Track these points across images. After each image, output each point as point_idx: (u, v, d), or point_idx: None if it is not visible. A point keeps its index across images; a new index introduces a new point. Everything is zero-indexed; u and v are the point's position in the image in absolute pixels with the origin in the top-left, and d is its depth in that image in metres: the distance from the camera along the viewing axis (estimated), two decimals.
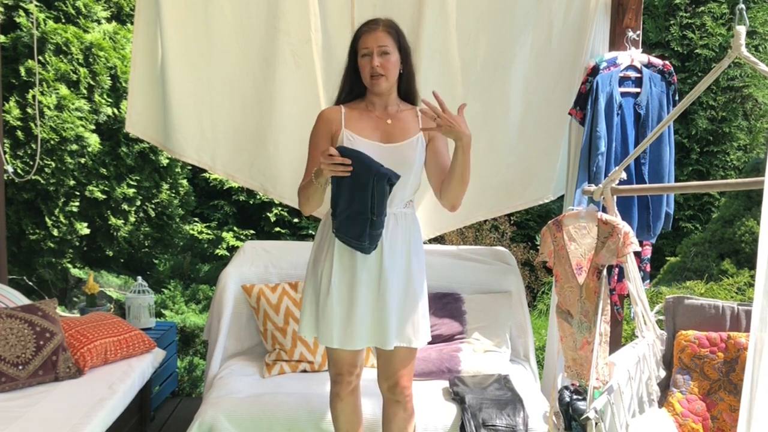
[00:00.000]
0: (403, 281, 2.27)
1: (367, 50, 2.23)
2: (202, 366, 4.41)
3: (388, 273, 2.23)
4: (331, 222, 2.24)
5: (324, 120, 2.32)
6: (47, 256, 4.67)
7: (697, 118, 5.78)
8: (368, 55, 2.23)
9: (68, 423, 2.37)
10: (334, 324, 2.24)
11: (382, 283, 2.23)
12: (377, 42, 2.22)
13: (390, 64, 2.23)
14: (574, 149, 2.98)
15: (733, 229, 4.55)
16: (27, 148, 4.36)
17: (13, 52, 4.42)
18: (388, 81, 2.26)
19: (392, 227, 2.25)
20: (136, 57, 3.17)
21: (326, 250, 2.27)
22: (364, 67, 2.25)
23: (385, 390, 2.38)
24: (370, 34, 2.24)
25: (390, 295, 2.23)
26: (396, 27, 2.29)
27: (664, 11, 5.94)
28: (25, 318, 2.79)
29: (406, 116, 2.33)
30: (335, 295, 2.23)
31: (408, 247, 2.29)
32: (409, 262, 2.29)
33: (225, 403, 2.61)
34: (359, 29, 2.29)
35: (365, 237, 2.13)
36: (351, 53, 2.31)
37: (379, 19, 2.29)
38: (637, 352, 2.12)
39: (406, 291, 2.28)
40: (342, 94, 2.36)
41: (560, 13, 3.10)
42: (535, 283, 5.57)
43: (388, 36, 2.24)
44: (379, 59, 2.21)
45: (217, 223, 5.75)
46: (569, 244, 2.10)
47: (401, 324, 2.26)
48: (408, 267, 2.28)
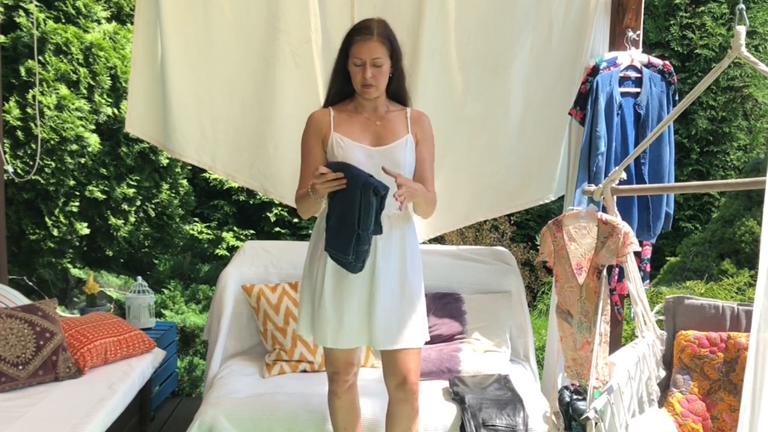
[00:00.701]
0: (397, 282, 2.28)
1: (360, 61, 2.22)
2: (202, 366, 4.41)
3: (381, 274, 2.24)
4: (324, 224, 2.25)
5: (313, 123, 2.32)
6: (47, 256, 4.67)
7: (697, 118, 5.78)
8: (361, 65, 2.22)
9: (68, 423, 2.37)
10: (327, 323, 2.26)
11: (374, 283, 2.24)
12: (371, 54, 2.20)
13: (381, 74, 2.24)
14: (574, 149, 2.98)
15: (733, 229, 4.54)
16: (27, 148, 4.36)
17: (13, 52, 4.42)
18: (378, 90, 2.27)
19: (386, 229, 2.24)
20: (136, 57, 3.17)
21: (321, 249, 2.28)
22: (356, 75, 2.24)
23: (392, 388, 2.37)
24: (364, 44, 2.21)
25: (382, 295, 2.24)
26: (389, 35, 2.27)
27: (664, 11, 5.94)
28: (25, 318, 2.79)
29: (395, 117, 2.33)
30: (328, 294, 2.26)
31: (402, 249, 2.29)
32: (403, 263, 2.29)
33: (225, 403, 2.61)
34: (352, 35, 2.26)
35: (351, 251, 2.11)
36: (342, 55, 2.29)
37: (372, 24, 2.25)
38: (637, 352, 2.12)
39: (400, 292, 2.28)
40: (330, 93, 2.36)
41: (560, 13, 3.10)
42: (535, 283, 5.57)
43: (381, 46, 2.22)
44: (372, 70, 2.21)
45: (217, 223, 5.75)
46: (569, 244, 2.10)
47: (394, 325, 2.26)
48: (402, 268, 2.29)
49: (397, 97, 2.37)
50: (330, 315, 2.26)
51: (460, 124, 3.24)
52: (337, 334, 2.27)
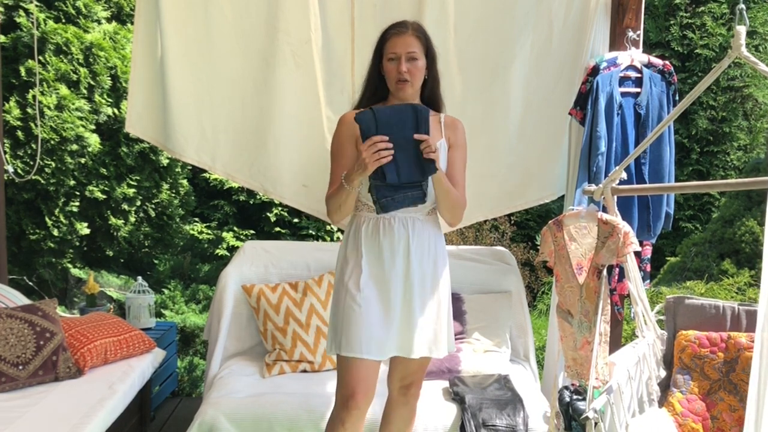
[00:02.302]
0: (429, 289, 2.24)
1: (395, 55, 2.18)
2: (202, 366, 4.41)
3: (416, 279, 2.20)
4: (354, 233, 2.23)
5: (346, 124, 2.25)
6: (47, 256, 4.67)
7: (697, 118, 5.79)
8: (395, 59, 2.18)
9: (68, 423, 2.37)
10: (362, 331, 2.15)
11: (408, 289, 2.20)
12: (406, 48, 2.17)
13: (417, 69, 2.19)
14: (574, 149, 2.98)
15: (733, 229, 4.55)
16: (27, 148, 4.36)
17: (13, 52, 4.42)
18: (413, 87, 2.22)
19: (418, 233, 2.22)
20: (136, 57, 3.17)
21: (354, 260, 2.22)
22: (391, 72, 2.20)
23: (396, 390, 2.37)
24: (399, 38, 2.18)
25: (417, 303, 2.20)
26: (424, 31, 2.25)
27: (664, 11, 5.94)
28: (25, 318, 2.79)
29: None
30: (364, 303, 2.17)
31: (434, 255, 2.26)
32: (435, 270, 2.26)
33: (225, 403, 2.61)
34: (387, 32, 2.23)
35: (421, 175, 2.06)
36: (376, 55, 2.25)
37: (407, 21, 2.24)
38: (638, 351, 2.12)
39: (432, 299, 2.24)
40: (365, 96, 2.30)
41: (560, 13, 3.10)
42: (535, 283, 5.58)
43: (416, 41, 2.19)
44: (407, 65, 2.17)
45: (217, 223, 5.75)
46: (570, 244, 2.10)
47: (427, 333, 2.23)
48: (434, 274, 2.25)
49: (430, 102, 2.31)
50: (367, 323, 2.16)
51: None
52: (371, 343, 2.15)
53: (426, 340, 2.23)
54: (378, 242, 2.20)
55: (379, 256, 2.19)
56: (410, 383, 2.34)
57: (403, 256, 2.19)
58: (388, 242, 2.19)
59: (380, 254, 2.19)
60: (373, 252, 2.20)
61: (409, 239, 2.20)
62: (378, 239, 2.20)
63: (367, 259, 2.20)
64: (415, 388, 2.36)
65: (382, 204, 2.10)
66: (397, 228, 2.20)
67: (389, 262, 2.19)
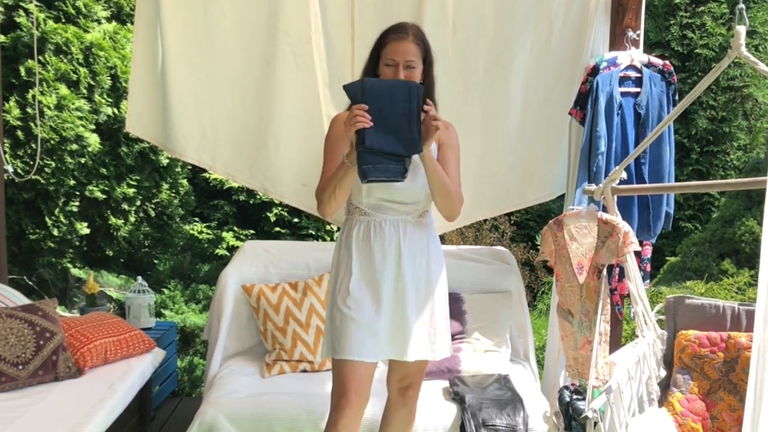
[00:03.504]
0: (423, 291, 2.24)
1: (393, 61, 2.16)
2: (202, 366, 4.41)
3: (408, 282, 2.19)
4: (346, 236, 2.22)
5: (339, 124, 2.24)
6: (47, 256, 4.67)
7: (697, 118, 5.79)
8: (393, 66, 2.16)
9: (68, 423, 2.37)
10: (354, 334, 2.15)
11: (400, 292, 2.19)
12: (405, 56, 2.15)
13: (414, 77, 2.17)
14: (574, 149, 2.98)
15: (733, 229, 4.55)
16: (27, 148, 4.36)
17: (13, 52, 4.42)
18: None
19: (410, 235, 2.22)
20: (136, 57, 3.17)
21: (345, 264, 2.22)
22: (387, 77, 2.18)
23: (394, 392, 2.37)
24: (399, 44, 2.16)
25: (409, 305, 2.20)
26: (423, 37, 2.22)
27: (664, 11, 5.94)
28: (25, 318, 2.79)
29: None
30: (355, 306, 2.17)
31: (427, 257, 2.25)
32: (428, 272, 2.25)
33: (225, 403, 2.61)
34: (387, 35, 2.20)
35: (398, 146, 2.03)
36: (373, 56, 2.24)
37: (407, 25, 2.21)
38: (638, 351, 2.12)
39: (426, 301, 2.24)
40: None
41: (560, 13, 3.10)
42: (535, 283, 5.58)
43: (416, 48, 2.17)
44: (405, 72, 2.15)
45: (217, 223, 5.75)
46: (570, 244, 2.10)
47: (422, 336, 2.22)
48: (428, 276, 2.25)
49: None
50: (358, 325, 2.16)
51: (460, 125, 3.22)
52: (364, 345, 2.14)
53: (421, 343, 2.22)
54: (369, 245, 2.20)
55: (371, 259, 2.19)
56: (408, 385, 2.34)
57: (394, 258, 2.19)
58: (379, 245, 2.20)
59: (371, 257, 2.19)
60: (364, 255, 2.20)
61: (400, 241, 2.20)
62: (369, 242, 2.20)
63: (358, 262, 2.20)
64: (414, 389, 2.36)
65: (363, 170, 2.06)
66: (388, 230, 2.20)
67: (380, 264, 2.19)
